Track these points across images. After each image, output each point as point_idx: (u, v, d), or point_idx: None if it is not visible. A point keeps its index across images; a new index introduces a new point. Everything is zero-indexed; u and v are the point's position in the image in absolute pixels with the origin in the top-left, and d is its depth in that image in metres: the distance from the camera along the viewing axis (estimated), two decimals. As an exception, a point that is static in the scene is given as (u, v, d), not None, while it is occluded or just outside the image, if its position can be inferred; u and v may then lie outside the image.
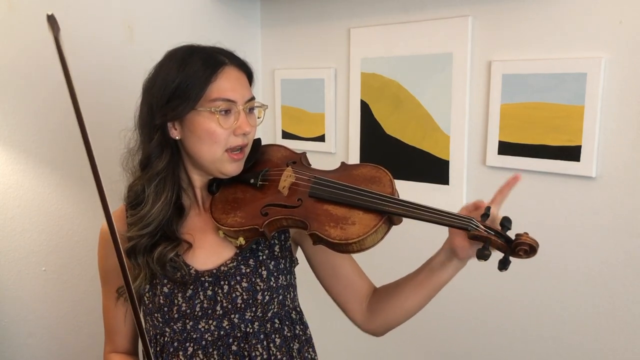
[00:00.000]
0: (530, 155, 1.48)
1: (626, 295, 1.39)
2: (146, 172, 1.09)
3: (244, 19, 2.12)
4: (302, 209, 1.02)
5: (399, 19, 1.73)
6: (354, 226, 0.96)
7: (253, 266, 1.10)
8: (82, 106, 0.89)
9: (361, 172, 1.08)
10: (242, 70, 1.10)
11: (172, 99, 1.03)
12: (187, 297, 1.07)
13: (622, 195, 1.37)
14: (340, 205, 1.00)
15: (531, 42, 1.47)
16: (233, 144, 1.05)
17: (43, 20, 0.86)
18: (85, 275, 1.83)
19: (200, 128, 1.04)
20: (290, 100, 2.08)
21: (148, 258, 1.07)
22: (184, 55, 1.06)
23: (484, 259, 0.90)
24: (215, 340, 1.08)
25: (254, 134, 1.10)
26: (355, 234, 0.95)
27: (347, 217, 0.98)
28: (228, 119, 1.04)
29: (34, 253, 1.73)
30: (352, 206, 0.99)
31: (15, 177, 1.67)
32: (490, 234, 0.92)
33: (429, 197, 1.71)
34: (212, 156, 1.05)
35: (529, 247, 0.90)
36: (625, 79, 1.33)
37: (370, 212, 0.98)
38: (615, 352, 1.42)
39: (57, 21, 0.85)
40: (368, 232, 0.95)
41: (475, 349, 1.70)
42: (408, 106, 1.73)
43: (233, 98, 1.04)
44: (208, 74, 1.03)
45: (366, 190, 1.00)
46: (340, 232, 0.96)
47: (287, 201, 1.05)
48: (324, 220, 0.99)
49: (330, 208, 1.00)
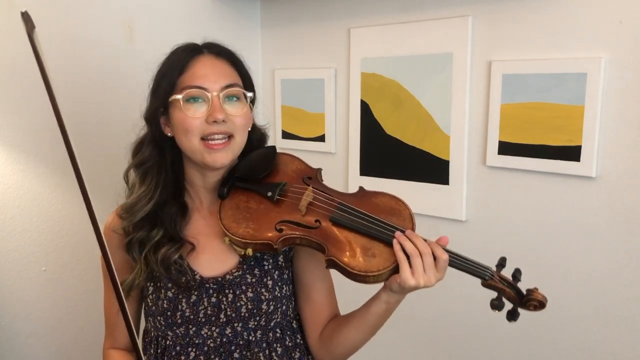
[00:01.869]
0: (530, 155, 1.48)
1: (626, 295, 1.38)
2: (134, 160, 1.11)
3: (244, 19, 2.12)
4: (321, 232, 1.00)
5: (399, 19, 1.72)
6: (374, 259, 0.95)
7: (258, 276, 1.09)
8: (82, 106, 0.89)
9: (381, 202, 1.05)
10: (222, 57, 1.07)
11: (154, 91, 1.06)
12: (191, 303, 1.07)
13: (622, 195, 1.37)
14: (362, 235, 0.99)
15: (531, 42, 1.47)
16: (206, 132, 1.01)
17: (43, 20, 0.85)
18: (85, 275, 1.82)
19: (175, 119, 1.03)
20: (290, 100, 2.08)
21: (150, 256, 1.06)
22: (171, 51, 1.08)
23: (498, 309, 0.95)
24: (217, 347, 1.08)
25: (241, 122, 1.05)
26: (375, 267, 0.94)
27: (368, 248, 0.97)
28: (199, 107, 1.01)
29: (34, 253, 1.73)
30: (373, 238, 0.98)
31: (15, 177, 1.66)
32: (505, 285, 0.96)
33: (429, 197, 1.71)
34: (190, 147, 1.03)
35: (538, 303, 0.95)
36: (625, 79, 1.33)
37: (389, 246, 0.96)
38: (616, 352, 1.42)
39: (32, 18, 0.84)
40: (388, 267, 0.95)
41: (475, 349, 1.69)
42: (408, 106, 1.73)
43: (202, 85, 1.01)
44: (180, 63, 1.03)
45: (389, 224, 0.99)
46: (359, 263, 0.95)
47: (305, 221, 1.02)
48: (343, 247, 0.97)
49: (351, 236, 0.99)
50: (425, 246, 0.95)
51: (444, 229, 1.67)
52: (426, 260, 0.93)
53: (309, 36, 2.00)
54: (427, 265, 0.93)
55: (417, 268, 0.93)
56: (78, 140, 0.93)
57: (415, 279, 0.93)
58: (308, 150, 2.03)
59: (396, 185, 1.79)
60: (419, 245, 0.94)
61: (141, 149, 1.10)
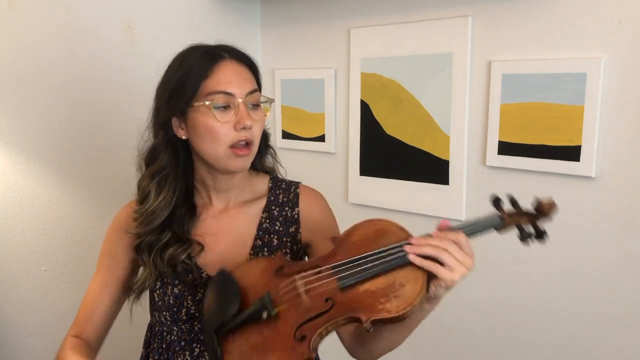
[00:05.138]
0: (530, 155, 1.48)
1: (626, 295, 1.39)
2: (150, 169, 1.09)
3: (244, 19, 2.12)
4: (340, 306, 0.88)
5: (399, 19, 1.73)
6: (405, 288, 0.86)
7: None
8: (83, 106, 0.89)
9: (362, 234, 0.95)
10: (242, 63, 1.06)
11: (172, 96, 1.03)
12: (197, 301, 1.07)
13: (622, 195, 1.37)
14: (377, 277, 0.88)
15: (531, 42, 1.47)
16: (235, 139, 1.00)
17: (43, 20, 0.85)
18: (85, 275, 1.81)
19: (199, 125, 1.01)
20: (290, 100, 2.08)
21: (157, 259, 1.06)
22: (186, 53, 1.06)
23: (530, 239, 0.94)
24: None
25: (259, 129, 1.05)
26: (413, 296, 0.85)
27: (392, 283, 0.87)
28: (227, 113, 1.00)
29: (34, 253, 1.73)
30: (389, 271, 0.88)
31: (15, 177, 1.66)
32: (516, 217, 0.95)
33: (429, 197, 1.71)
34: (215, 153, 1.02)
35: (550, 206, 0.95)
36: (625, 79, 1.33)
37: (407, 265, 0.88)
38: (616, 352, 1.42)
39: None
40: (422, 285, 0.86)
41: (474, 349, 1.70)
42: (408, 106, 1.73)
43: (230, 90, 1.00)
44: (204, 68, 1.01)
45: (390, 247, 0.90)
46: (396, 304, 0.84)
47: (317, 309, 0.88)
48: (372, 302, 0.86)
49: (368, 286, 0.88)
50: (440, 239, 0.88)
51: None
52: (452, 249, 0.87)
53: (309, 36, 2.00)
54: (456, 253, 0.87)
55: (450, 262, 0.86)
56: (79, 139, 0.93)
57: (456, 271, 0.86)
58: (308, 150, 2.03)
59: (396, 185, 1.79)
60: (435, 242, 0.88)
61: (156, 157, 1.08)
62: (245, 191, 1.15)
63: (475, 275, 1.65)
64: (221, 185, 1.11)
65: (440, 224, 0.92)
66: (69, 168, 1.74)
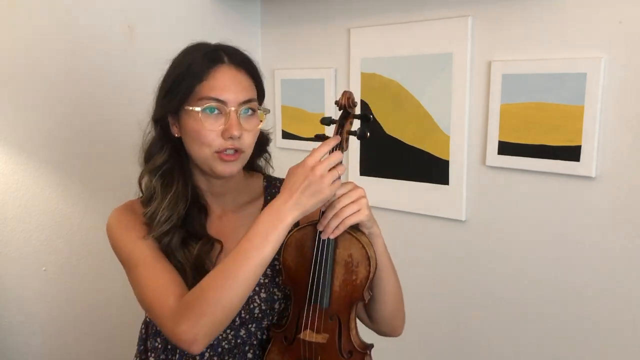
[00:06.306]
0: (530, 155, 1.48)
1: (626, 295, 1.39)
2: (150, 164, 1.06)
3: (244, 19, 2.12)
4: (342, 312, 1.02)
5: (399, 19, 1.73)
6: (354, 255, 0.99)
7: (270, 275, 1.09)
8: (83, 106, 0.89)
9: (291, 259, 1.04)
10: (242, 69, 1.03)
11: (168, 94, 1.03)
12: None
13: (622, 195, 1.37)
14: (334, 272, 1.01)
15: (531, 42, 1.47)
16: (222, 147, 0.99)
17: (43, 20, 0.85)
18: (86, 275, 1.83)
19: (189, 127, 1.00)
20: (290, 100, 2.08)
21: (184, 259, 1.02)
22: (189, 50, 1.05)
23: (361, 136, 1.05)
24: (231, 348, 1.08)
25: (251, 138, 1.03)
26: (362, 251, 0.99)
27: (345, 262, 0.99)
28: (217, 121, 0.99)
29: (34, 253, 1.74)
30: (334, 261, 1.00)
31: (15, 177, 1.67)
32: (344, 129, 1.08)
33: (429, 197, 1.71)
34: (202, 155, 1.01)
35: (343, 91, 1.03)
36: (625, 79, 1.33)
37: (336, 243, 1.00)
38: (616, 352, 1.42)
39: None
40: (356, 238, 0.99)
41: (474, 350, 1.70)
42: (408, 106, 1.73)
43: (223, 98, 0.99)
44: (201, 70, 1.00)
45: (315, 250, 1.00)
46: (362, 267, 0.99)
47: (332, 332, 1.03)
48: (351, 286, 1.00)
49: (338, 282, 1.01)
50: (330, 208, 0.97)
51: (443, 229, 1.67)
52: (343, 202, 0.97)
53: (309, 36, 2.00)
54: (346, 200, 0.97)
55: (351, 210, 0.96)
56: (79, 139, 0.92)
57: (361, 208, 0.97)
58: (308, 150, 2.02)
59: (396, 185, 1.79)
60: (329, 211, 0.97)
61: (154, 152, 1.06)
62: (242, 193, 1.14)
63: (476, 275, 1.65)
64: (215, 188, 1.10)
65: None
66: (69, 168, 1.74)
